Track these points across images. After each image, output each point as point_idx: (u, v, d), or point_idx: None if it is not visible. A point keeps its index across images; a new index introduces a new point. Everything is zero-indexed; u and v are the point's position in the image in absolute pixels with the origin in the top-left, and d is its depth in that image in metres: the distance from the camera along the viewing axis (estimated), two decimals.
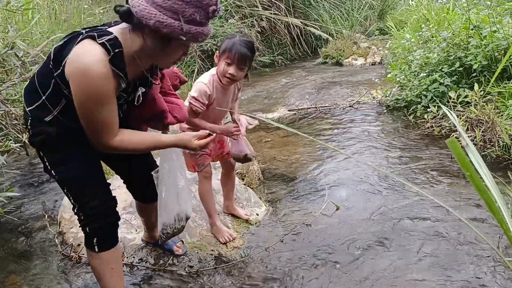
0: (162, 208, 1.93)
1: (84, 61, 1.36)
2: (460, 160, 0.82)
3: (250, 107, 5.41)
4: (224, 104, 2.24)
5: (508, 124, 3.17)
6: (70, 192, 1.63)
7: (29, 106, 1.55)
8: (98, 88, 1.38)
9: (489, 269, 2.03)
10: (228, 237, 2.42)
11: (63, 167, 1.60)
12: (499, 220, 0.91)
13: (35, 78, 1.56)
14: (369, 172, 3.13)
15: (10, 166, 3.55)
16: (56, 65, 1.45)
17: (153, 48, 1.47)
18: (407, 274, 2.05)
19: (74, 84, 1.40)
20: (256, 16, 7.83)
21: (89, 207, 1.63)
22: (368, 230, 2.44)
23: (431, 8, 5.96)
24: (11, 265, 2.34)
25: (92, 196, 1.63)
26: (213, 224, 2.46)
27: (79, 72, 1.37)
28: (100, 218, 1.65)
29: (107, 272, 1.74)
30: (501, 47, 3.65)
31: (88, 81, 1.37)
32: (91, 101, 1.41)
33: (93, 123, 1.47)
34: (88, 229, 1.67)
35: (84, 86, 1.38)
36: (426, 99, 4.03)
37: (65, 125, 1.54)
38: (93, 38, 1.39)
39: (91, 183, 1.65)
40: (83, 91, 1.39)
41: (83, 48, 1.38)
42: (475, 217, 2.46)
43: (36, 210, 2.92)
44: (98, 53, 1.37)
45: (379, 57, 7.19)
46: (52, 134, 1.55)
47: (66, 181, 1.63)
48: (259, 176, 3.21)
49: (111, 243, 1.72)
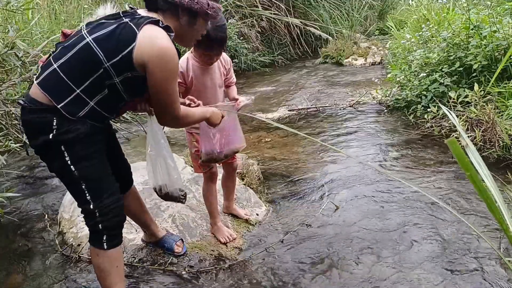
0: (154, 172, 2.00)
1: (162, 42, 1.52)
2: (460, 160, 0.82)
3: (250, 107, 5.41)
4: (209, 85, 2.16)
5: (508, 124, 3.17)
6: (88, 189, 1.64)
7: (60, 103, 1.53)
8: (176, 64, 1.57)
9: (489, 269, 2.03)
10: (229, 237, 2.42)
11: (87, 163, 1.62)
12: (499, 220, 0.92)
13: (61, 74, 1.54)
14: (369, 172, 3.13)
15: (10, 166, 3.55)
16: (110, 54, 1.52)
17: (185, 27, 1.63)
18: (407, 273, 2.05)
19: (156, 63, 1.52)
20: (256, 16, 7.83)
21: (106, 203, 1.66)
22: (368, 230, 2.44)
23: (431, 8, 5.97)
24: (11, 265, 2.34)
25: (109, 193, 1.68)
26: (213, 224, 2.46)
27: (162, 51, 1.52)
28: (115, 214, 1.69)
29: (112, 270, 1.76)
30: (501, 47, 3.65)
31: (169, 58, 1.53)
32: (172, 76, 1.58)
33: (171, 97, 1.62)
34: (101, 225, 1.68)
35: (166, 63, 1.53)
36: (426, 99, 4.03)
37: (94, 121, 1.62)
38: (155, 23, 1.54)
39: (109, 180, 1.71)
40: (167, 67, 1.55)
41: (155, 31, 1.53)
42: (475, 217, 2.46)
43: (36, 210, 2.92)
44: (166, 36, 1.54)
45: (379, 57, 7.19)
46: (82, 131, 1.57)
47: (86, 177, 1.64)
48: (259, 176, 3.21)
49: (118, 241, 1.76)
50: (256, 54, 7.67)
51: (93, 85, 1.56)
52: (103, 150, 1.71)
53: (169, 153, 1.99)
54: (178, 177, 2.05)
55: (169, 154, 1.99)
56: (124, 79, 1.57)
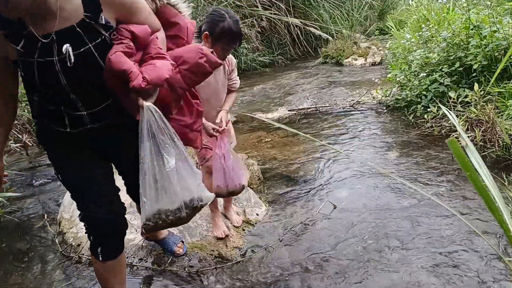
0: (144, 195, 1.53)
1: None
2: (460, 160, 0.82)
3: (250, 107, 5.41)
4: (212, 81, 2.15)
5: (508, 124, 3.17)
6: (74, 196, 1.59)
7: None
8: None
9: (489, 269, 2.02)
10: (222, 234, 2.43)
11: (62, 172, 1.57)
12: (499, 220, 0.92)
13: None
14: (369, 172, 3.13)
15: (10, 166, 3.55)
16: None
17: None
18: (407, 274, 2.05)
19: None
20: (256, 16, 7.83)
21: (91, 213, 1.54)
22: (367, 230, 2.44)
23: (431, 8, 5.96)
24: (11, 265, 2.34)
25: (94, 203, 1.54)
26: (212, 218, 2.48)
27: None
28: (103, 226, 1.55)
29: (110, 279, 1.69)
30: (501, 47, 3.65)
31: None
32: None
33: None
34: (92, 236, 1.60)
35: None
36: (426, 99, 4.03)
37: (48, 121, 1.50)
38: None
39: (92, 189, 1.56)
40: None
41: None
42: (475, 217, 2.46)
43: (36, 210, 2.92)
44: None
45: (379, 57, 7.19)
46: (41, 135, 1.53)
47: (67, 184, 1.59)
48: (259, 176, 3.21)
49: (115, 252, 1.65)
50: (256, 54, 7.67)
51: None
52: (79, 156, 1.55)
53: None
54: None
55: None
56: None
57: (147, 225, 1.52)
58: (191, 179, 1.57)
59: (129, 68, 1.37)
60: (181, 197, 1.53)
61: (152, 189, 1.50)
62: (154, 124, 1.45)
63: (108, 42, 1.42)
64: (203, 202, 1.61)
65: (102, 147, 1.60)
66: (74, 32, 1.37)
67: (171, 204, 1.52)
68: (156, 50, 1.48)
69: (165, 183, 1.50)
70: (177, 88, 1.55)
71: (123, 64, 1.37)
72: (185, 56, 1.57)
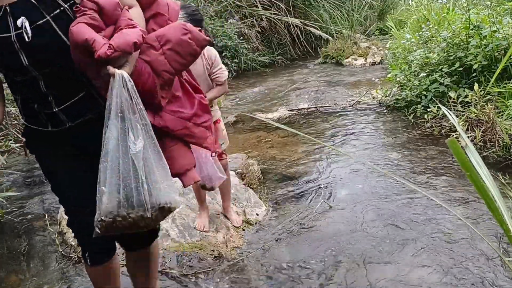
0: (103, 182, 1.29)
1: None
2: (460, 160, 0.82)
3: (250, 107, 5.41)
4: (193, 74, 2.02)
5: (508, 124, 3.17)
6: (60, 202, 1.55)
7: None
8: None
9: (489, 269, 2.02)
10: (200, 227, 2.43)
11: (49, 176, 1.53)
12: (499, 220, 0.92)
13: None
14: (369, 172, 3.13)
15: (10, 166, 3.55)
16: None
17: None
18: (406, 274, 2.05)
19: None
20: (256, 16, 7.83)
21: (76, 219, 1.48)
22: (367, 230, 2.44)
23: (431, 8, 5.96)
24: (11, 265, 2.34)
25: (78, 207, 1.46)
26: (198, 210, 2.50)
27: None
28: (89, 231, 1.36)
29: (99, 283, 1.63)
30: (501, 47, 3.65)
31: None
32: None
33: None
34: (79, 242, 1.56)
35: None
36: (426, 99, 4.03)
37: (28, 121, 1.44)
38: None
39: (75, 192, 1.47)
40: None
41: None
42: (475, 217, 2.46)
43: (36, 210, 2.92)
44: None
45: (379, 57, 7.19)
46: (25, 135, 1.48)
47: (53, 191, 1.54)
48: (259, 176, 3.21)
49: (103, 257, 1.55)
50: (256, 54, 7.67)
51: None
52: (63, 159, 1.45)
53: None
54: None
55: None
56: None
57: (103, 222, 1.29)
58: (160, 172, 1.34)
59: (91, 37, 1.23)
60: (147, 192, 1.30)
61: (114, 176, 1.27)
62: (125, 97, 1.26)
63: (70, 15, 1.29)
64: (172, 205, 1.38)
65: (83, 143, 1.45)
66: (29, 3, 1.25)
67: (135, 197, 1.28)
68: (126, 22, 1.32)
69: (130, 170, 1.27)
70: (162, 72, 1.39)
71: (84, 33, 1.23)
72: (168, 34, 1.40)
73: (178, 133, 1.49)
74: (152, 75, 1.38)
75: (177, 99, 1.50)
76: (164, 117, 1.45)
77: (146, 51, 1.39)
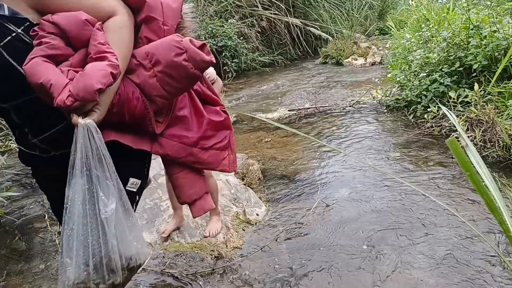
0: (67, 254, 1.20)
1: None
2: (460, 160, 0.82)
3: (250, 107, 5.41)
4: None
5: (508, 124, 3.17)
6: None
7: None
8: None
9: (489, 269, 2.02)
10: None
11: (45, 192, 1.50)
12: (499, 220, 0.92)
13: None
14: (369, 172, 3.13)
15: (10, 166, 3.55)
16: None
17: None
18: (406, 274, 2.05)
19: None
20: (256, 16, 7.84)
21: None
22: (367, 230, 2.44)
23: (431, 8, 5.96)
24: (11, 265, 2.34)
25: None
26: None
27: None
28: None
29: None
30: (501, 47, 3.65)
31: None
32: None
33: None
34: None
35: None
36: (426, 99, 4.03)
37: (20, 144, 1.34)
38: None
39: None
40: None
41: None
42: (475, 217, 2.46)
43: (36, 210, 2.92)
44: None
45: (379, 57, 7.20)
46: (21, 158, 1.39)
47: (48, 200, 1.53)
48: (259, 176, 3.21)
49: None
50: (256, 54, 7.68)
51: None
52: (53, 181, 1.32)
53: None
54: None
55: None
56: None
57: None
58: (132, 230, 1.17)
59: (47, 80, 1.00)
60: (118, 256, 1.14)
61: (80, 247, 1.11)
62: (91, 152, 1.06)
63: (27, 40, 1.07)
64: (141, 261, 1.24)
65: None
66: None
67: (105, 265, 1.13)
68: (96, 49, 1.06)
69: (99, 237, 1.10)
70: (155, 98, 1.17)
71: (39, 75, 1.01)
72: (157, 53, 1.15)
73: (183, 160, 1.31)
74: (142, 100, 1.16)
75: (181, 120, 1.29)
76: (164, 143, 1.27)
77: (136, 69, 1.16)
